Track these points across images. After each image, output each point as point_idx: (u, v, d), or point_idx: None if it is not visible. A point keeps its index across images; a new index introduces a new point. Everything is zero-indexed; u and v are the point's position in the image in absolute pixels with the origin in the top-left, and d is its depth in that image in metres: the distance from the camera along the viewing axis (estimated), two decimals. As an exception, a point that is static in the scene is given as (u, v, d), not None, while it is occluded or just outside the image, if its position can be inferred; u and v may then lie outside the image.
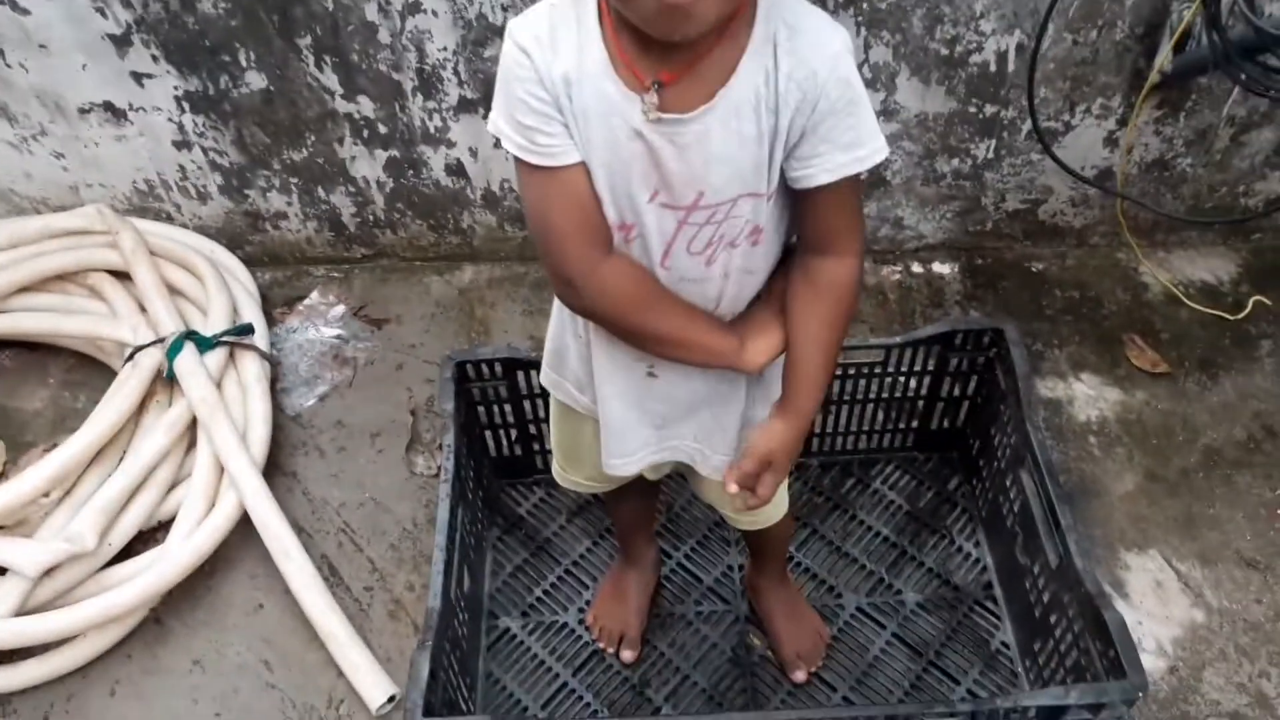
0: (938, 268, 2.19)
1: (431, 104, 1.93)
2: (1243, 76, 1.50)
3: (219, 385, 1.87)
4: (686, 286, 1.00)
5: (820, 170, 0.91)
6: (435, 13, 1.78)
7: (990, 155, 1.99)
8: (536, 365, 1.61)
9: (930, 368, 1.69)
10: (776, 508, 1.35)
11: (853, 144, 0.91)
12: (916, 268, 2.19)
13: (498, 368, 1.63)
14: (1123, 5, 1.76)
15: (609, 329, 1.04)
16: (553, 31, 0.90)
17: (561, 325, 1.15)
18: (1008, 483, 1.60)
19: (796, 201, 0.97)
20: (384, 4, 1.78)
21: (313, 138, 2.00)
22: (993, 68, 1.85)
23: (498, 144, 1.92)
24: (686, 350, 1.03)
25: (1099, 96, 1.89)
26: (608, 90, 0.89)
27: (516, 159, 0.94)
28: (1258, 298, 2.06)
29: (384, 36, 1.83)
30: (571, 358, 1.17)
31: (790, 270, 1.03)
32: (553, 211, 0.95)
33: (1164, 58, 1.76)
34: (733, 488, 1.06)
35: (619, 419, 1.14)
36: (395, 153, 2.02)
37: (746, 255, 0.99)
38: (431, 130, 1.98)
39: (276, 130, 1.99)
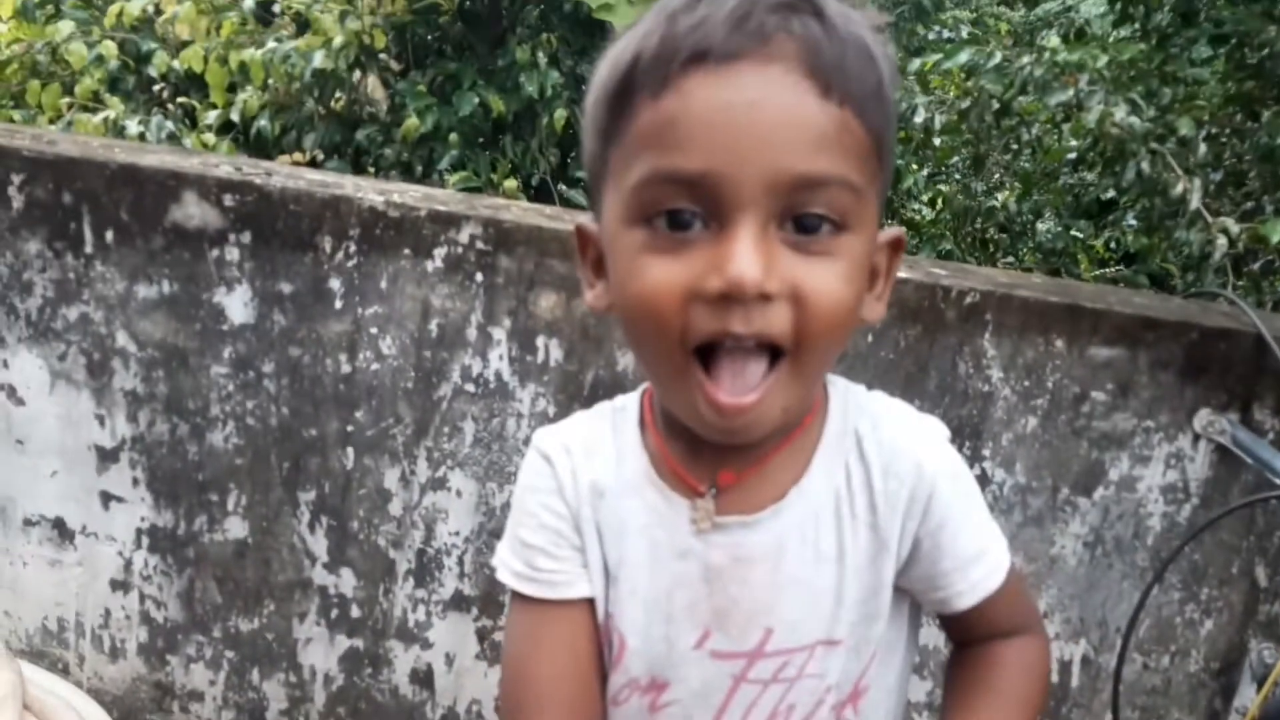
0: None
1: (421, 592, 1.69)
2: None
3: None
4: None
5: (959, 594, 0.72)
6: (460, 492, 1.64)
7: (1050, 784, 1.69)
8: None
9: None
10: None
11: (981, 552, 0.73)
12: None
13: None
14: (1197, 634, 1.61)
15: None
16: (586, 440, 0.74)
17: None
18: None
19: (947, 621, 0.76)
20: (408, 473, 1.64)
21: (272, 607, 1.72)
22: (1055, 678, 1.64)
23: (481, 653, 1.66)
24: None
25: (1174, 735, 1.66)
26: (650, 498, 0.71)
27: (511, 591, 0.74)
28: None
29: (395, 508, 1.66)
30: None
31: (949, 669, 0.77)
32: (535, 659, 0.71)
33: (1254, 705, 1.57)
34: None
35: None
36: (359, 643, 1.72)
37: None
38: (410, 624, 1.71)
39: (235, 590, 1.72)
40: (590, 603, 0.72)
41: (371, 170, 2.40)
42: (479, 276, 1.57)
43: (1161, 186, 2.45)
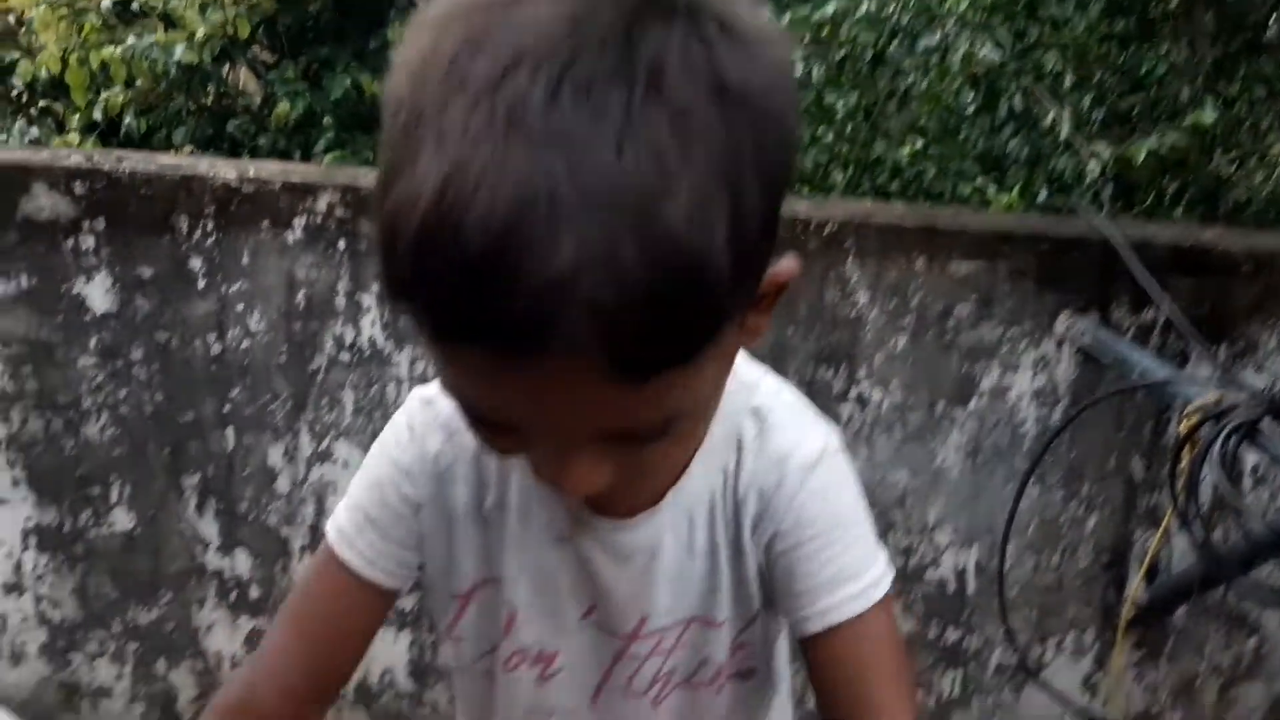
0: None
1: (319, 569, 1.68)
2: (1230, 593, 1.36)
3: None
4: None
5: (806, 619, 0.67)
6: (346, 463, 1.63)
7: (956, 692, 1.73)
8: None
9: None
10: None
11: (836, 579, 0.66)
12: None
13: None
14: (1082, 531, 1.66)
15: None
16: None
17: None
18: None
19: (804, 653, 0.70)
20: (290, 449, 1.62)
21: (169, 596, 1.69)
22: (951, 587, 1.68)
23: (388, 620, 1.65)
24: None
25: (1071, 630, 1.70)
26: (528, 481, 0.68)
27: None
28: None
29: (282, 485, 1.64)
30: None
31: None
32: (309, 600, 0.75)
33: (1136, 588, 1.62)
34: None
35: None
36: (262, 623, 1.71)
37: (712, 704, 0.73)
38: (312, 602, 1.69)
39: (129, 583, 1.69)
40: (393, 593, 0.72)
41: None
42: (341, 244, 1.55)
43: (1034, 120, 2.52)
